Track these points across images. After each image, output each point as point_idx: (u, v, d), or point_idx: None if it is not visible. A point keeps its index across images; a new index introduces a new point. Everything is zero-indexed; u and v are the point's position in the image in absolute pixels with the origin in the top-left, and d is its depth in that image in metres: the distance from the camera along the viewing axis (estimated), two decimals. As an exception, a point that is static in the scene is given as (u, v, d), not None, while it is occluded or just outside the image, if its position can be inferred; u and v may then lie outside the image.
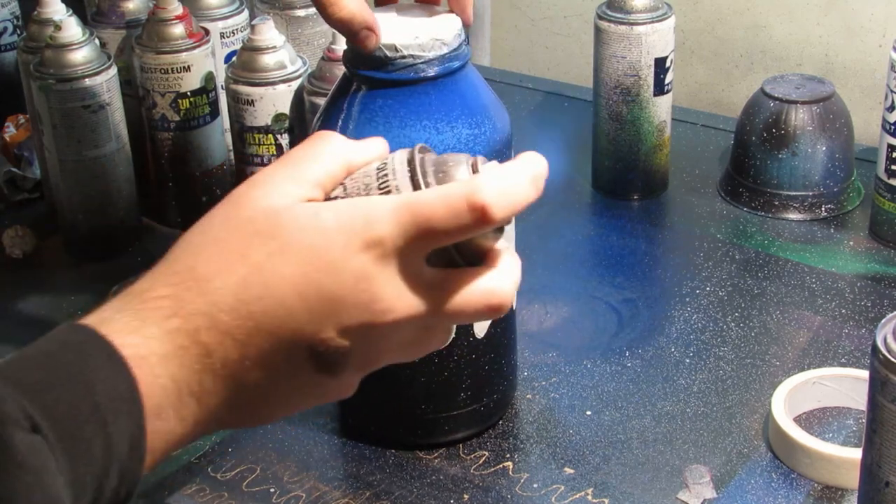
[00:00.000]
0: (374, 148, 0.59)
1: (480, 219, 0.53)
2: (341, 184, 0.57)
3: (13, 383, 0.48)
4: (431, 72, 0.75)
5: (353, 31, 0.72)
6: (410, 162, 0.56)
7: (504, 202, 0.53)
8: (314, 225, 0.53)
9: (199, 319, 0.52)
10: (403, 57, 0.74)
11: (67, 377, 0.49)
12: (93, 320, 0.52)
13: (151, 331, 0.52)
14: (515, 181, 0.54)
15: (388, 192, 0.55)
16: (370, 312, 0.53)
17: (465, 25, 0.78)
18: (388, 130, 0.76)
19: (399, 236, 0.53)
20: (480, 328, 0.84)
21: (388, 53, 0.74)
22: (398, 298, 0.54)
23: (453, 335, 0.60)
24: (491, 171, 0.55)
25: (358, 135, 0.76)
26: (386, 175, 0.56)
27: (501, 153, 0.79)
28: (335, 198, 0.56)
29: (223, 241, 0.54)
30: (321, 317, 0.53)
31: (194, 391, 0.53)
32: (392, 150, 0.70)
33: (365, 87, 0.76)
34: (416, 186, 0.55)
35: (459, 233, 0.54)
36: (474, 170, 0.56)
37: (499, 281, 0.56)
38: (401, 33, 0.75)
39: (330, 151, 0.57)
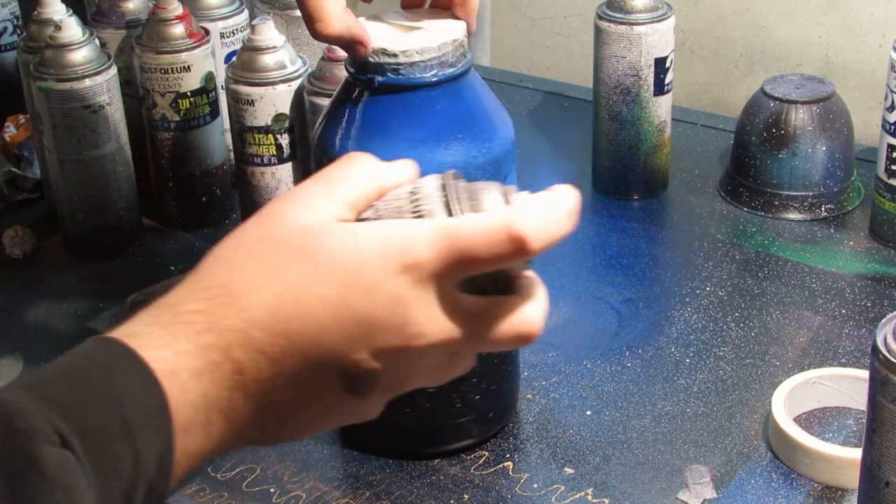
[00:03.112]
0: (405, 171, 0.58)
1: (519, 250, 0.53)
2: (372, 205, 0.56)
3: (41, 398, 0.47)
4: (434, 77, 0.75)
5: (342, 46, 0.73)
6: (444, 188, 0.56)
7: (542, 234, 0.54)
8: (351, 246, 0.53)
9: (232, 336, 0.52)
10: (406, 62, 0.74)
11: (97, 392, 0.49)
12: (122, 334, 0.51)
13: (183, 346, 0.51)
14: (553, 214, 0.55)
15: (421, 217, 0.55)
16: (404, 336, 0.53)
17: (468, 32, 0.78)
18: (390, 136, 0.76)
19: (436, 261, 0.53)
20: None
21: (391, 59, 0.74)
22: (432, 324, 0.54)
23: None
24: (527, 202, 0.55)
25: (360, 140, 0.76)
26: (418, 199, 0.56)
27: (504, 158, 0.79)
28: (366, 219, 0.56)
29: (258, 258, 0.53)
30: (355, 338, 0.53)
31: (223, 408, 0.52)
32: (392, 158, 0.70)
33: (367, 93, 0.76)
34: (449, 213, 0.55)
35: (496, 262, 0.54)
36: (506, 199, 0.56)
37: (531, 311, 0.56)
38: (404, 39, 0.75)
39: (363, 172, 0.57)
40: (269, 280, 0.53)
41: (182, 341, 0.51)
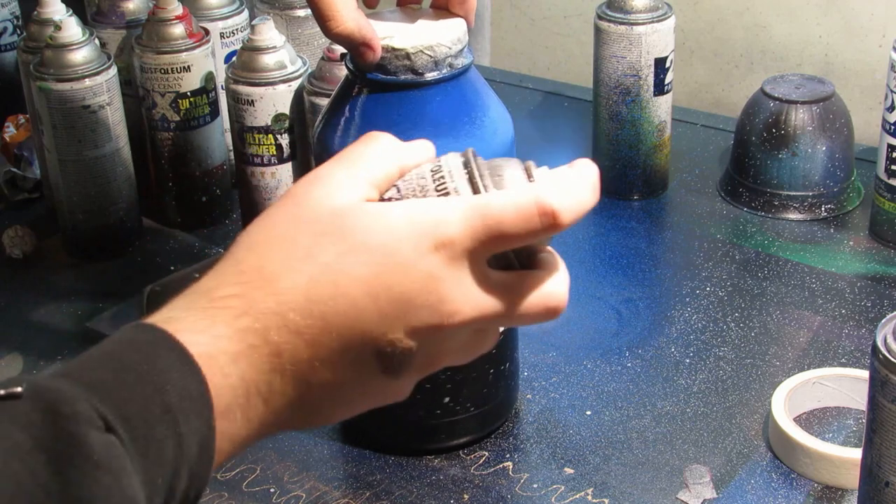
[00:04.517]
0: (424, 150, 0.59)
1: (550, 224, 0.54)
2: (395, 185, 0.56)
3: (83, 384, 0.47)
4: (434, 76, 0.75)
5: (352, 46, 0.73)
6: (466, 164, 0.56)
7: (572, 207, 0.54)
8: (383, 225, 0.53)
9: (269, 319, 0.52)
10: (406, 61, 0.74)
11: (138, 377, 0.49)
12: (159, 319, 0.51)
13: (221, 330, 0.51)
14: (579, 186, 0.55)
15: (446, 194, 0.55)
16: (438, 314, 0.53)
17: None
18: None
19: (469, 238, 0.53)
20: None
21: (391, 57, 0.74)
22: (465, 301, 0.54)
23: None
24: (551, 176, 0.56)
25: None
26: (442, 177, 0.56)
27: (504, 157, 0.79)
28: (391, 198, 0.56)
29: (290, 241, 0.53)
30: (390, 318, 0.53)
31: (262, 392, 0.52)
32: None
33: (367, 90, 0.76)
34: (475, 189, 0.55)
35: (528, 237, 0.54)
36: (528, 175, 0.56)
37: (557, 284, 0.57)
38: (404, 37, 0.75)
39: (384, 152, 0.57)
40: (303, 262, 0.53)
41: (219, 325, 0.51)
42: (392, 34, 0.75)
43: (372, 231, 0.53)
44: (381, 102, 0.76)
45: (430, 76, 0.75)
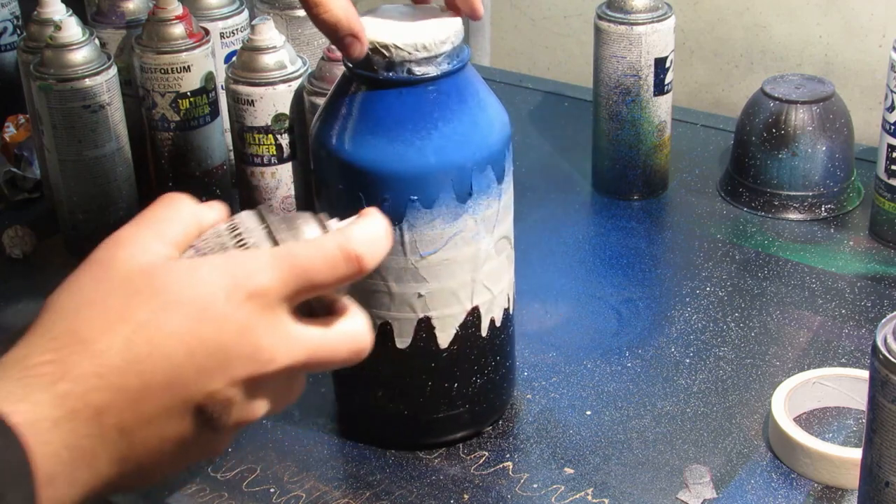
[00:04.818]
0: (220, 209, 0.61)
1: (356, 269, 0.57)
2: (193, 245, 0.58)
3: None
4: (431, 73, 0.75)
5: (338, 36, 0.72)
6: (261, 221, 0.59)
7: (374, 252, 0.57)
8: (196, 280, 0.54)
9: (88, 381, 0.52)
10: (403, 58, 0.74)
11: None
12: None
13: (39, 397, 0.51)
14: (377, 232, 0.58)
15: (248, 249, 0.57)
16: (256, 362, 0.55)
17: (475, 20, 0.78)
18: (387, 131, 0.76)
19: (281, 286, 0.55)
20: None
21: (388, 54, 0.74)
22: (281, 347, 0.55)
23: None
24: (349, 225, 0.59)
25: (358, 134, 0.76)
26: (240, 233, 0.58)
27: (500, 154, 0.79)
28: (191, 257, 0.57)
29: (101, 303, 0.54)
30: (209, 371, 0.54)
31: (86, 455, 0.52)
32: (392, 153, 0.70)
33: (364, 87, 0.76)
34: (274, 242, 0.58)
35: (336, 283, 0.57)
36: (323, 226, 0.59)
37: (360, 325, 0.59)
38: (401, 34, 0.75)
39: (182, 212, 0.59)
40: (117, 323, 0.53)
41: (36, 393, 0.51)
42: (390, 30, 0.75)
43: (185, 286, 0.54)
44: (377, 99, 0.76)
45: (426, 73, 0.75)
